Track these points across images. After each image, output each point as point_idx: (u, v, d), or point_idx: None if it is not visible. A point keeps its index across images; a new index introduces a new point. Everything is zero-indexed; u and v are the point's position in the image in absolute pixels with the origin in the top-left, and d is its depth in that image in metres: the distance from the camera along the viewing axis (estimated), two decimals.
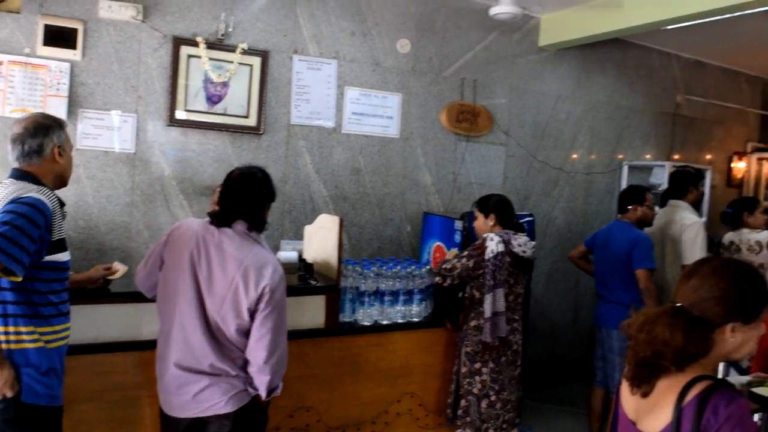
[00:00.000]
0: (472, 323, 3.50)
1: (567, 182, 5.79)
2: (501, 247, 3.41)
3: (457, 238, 4.20)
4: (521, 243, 3.49)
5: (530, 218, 4.61)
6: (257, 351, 2.36)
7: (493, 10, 3.91)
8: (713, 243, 5.17)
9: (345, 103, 4.62)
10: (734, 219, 4.93)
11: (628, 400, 1.65)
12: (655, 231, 4.42)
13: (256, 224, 2.48)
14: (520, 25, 5.31)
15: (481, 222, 3.63)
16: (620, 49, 6.03)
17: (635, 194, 4.26)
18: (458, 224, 4.20)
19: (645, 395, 1.57)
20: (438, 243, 4.53)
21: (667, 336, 1.50)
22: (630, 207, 4.21)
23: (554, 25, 5.34)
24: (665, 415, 1.49)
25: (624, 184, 6.06)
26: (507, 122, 5.36)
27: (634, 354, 1.58)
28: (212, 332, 2.38)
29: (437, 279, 3.51)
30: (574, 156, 5.83)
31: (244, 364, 2.43)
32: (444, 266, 3.50)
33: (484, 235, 3.51)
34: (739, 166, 7.39)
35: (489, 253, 3.40)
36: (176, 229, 2.50)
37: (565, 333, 5.93)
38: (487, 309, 3.39)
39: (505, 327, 3.42)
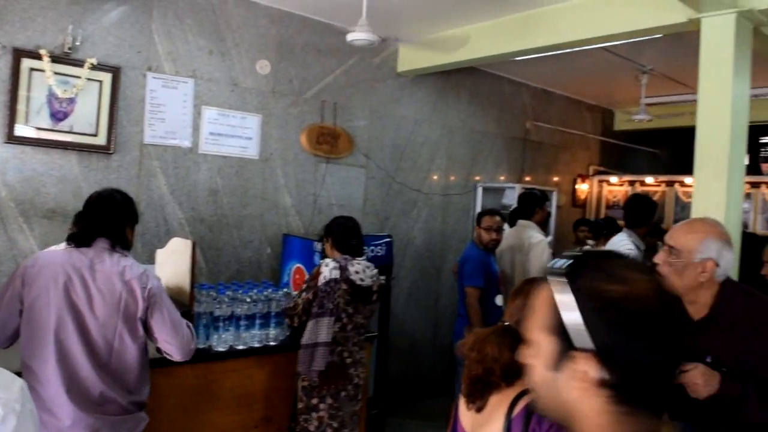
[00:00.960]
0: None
1: (425, 203, 6.06)
2: (335, 274, 3.31)
3: (317, 259, 4.28)
4: (359, 270, 3.38)
5: (388, 239, 4.79)
6: (170, 348, 2.53)
7: (350, 37, 4.04)
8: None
9: (202, 122, 4.58)
10: (601, 229, 5.47)
11: (465, 414, 1.78)
12: (505, 250, 4.75)
13: (119, 242, 2.48)
14: (379, 51, 5.52)
15: (327, 246, 3.63)
16: (473, 77, 6.43)
17: (477, 217, 4.66)
18: (317, 246, 4.28)
19: (479, 410, 1.71)
20: (298, 265, 4.59)
21: (496, 353, 1.64)
22: (475, 228, 4.61)
23: (411, 52, 5.61)
24: (497, 427, 1.60)
25: (479, 205, 6.44)
26: (367, 145, 5.54)
27: (467, 372, 1.71)
28: (100, 359, 2.36)
29: (287, 321, 3.45)
30: (432, 178, 6.12)
31: (136, 387, 2.47)
32: (288, 306, 3.42)
33: (320, 261, 3.48)
34: (582, 188, 8.07)
35: (321, 279, 3.31)
36: (32, 266, 2.39)
37: (425, 349, 6.17)
38: (306, 337, 3.27)
39: (323, 360, 3.24)
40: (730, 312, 2.15)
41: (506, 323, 1.73)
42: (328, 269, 3.33)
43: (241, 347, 3.53)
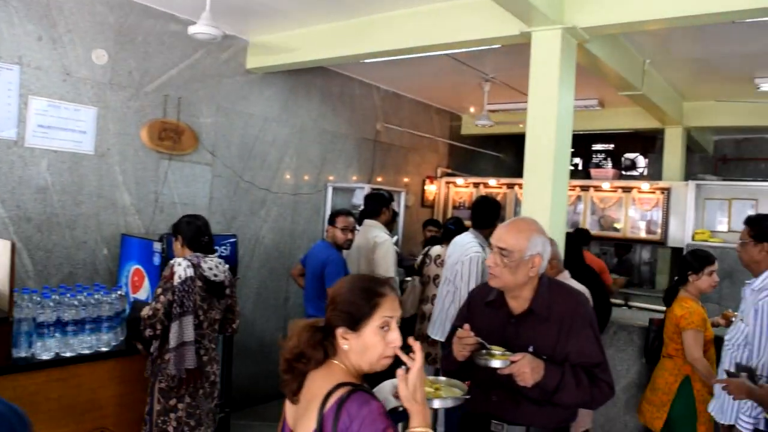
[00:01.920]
0: (166, 356, 3.32)
1: (274, 203, 6.06)
2: (190, 272, 3.35)
3: (156, 260, 4.16)
4: (212, 266, 3.48)
5: (233, 239, 4.75)
6: None
7: (192, 30, 3.97)
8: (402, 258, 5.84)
9: (29, 114, 4.28)
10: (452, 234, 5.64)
11: (289, 408, 1.83)
12: (353, 249, 4.86)
13: None
14: (227, 46, 5.46)
15: (176, 245, 3.62)
16: (325, 77, 6.52)
17: (330, 216, 4.72)
18: (157, 246, 4.17)
19: (295, 402, 1.77)
20: (137, 266, 4.43)
21: (296, 342, 1.74)
22: (327, 228, 4.64)
23: (260, 49, 5.59)
24: (312, 421, 1.66)
25: (329, 205, 6.54)
26: (213, 142, 5.45)
27: (282, 362, 1.78)
28: None
29: (147, 332, 3.31)
30: (282, 177, 6.13)
31: None
32: (146, 315, 3.31)
33: (171, 261, 3.45)
34: (431, 189, 8.43)
35: (177, 279, 3.32)
36: None
37: (275, 350, 6.15)
38: (173, 339, 3.27)
39: (194, 358, 3.31)
40: (547, 304, 2.36)
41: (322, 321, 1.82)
42: (182, 268, 3.34)
43: (68, 354, 3.36)
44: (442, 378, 2.31)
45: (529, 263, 2.32)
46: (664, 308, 5.96)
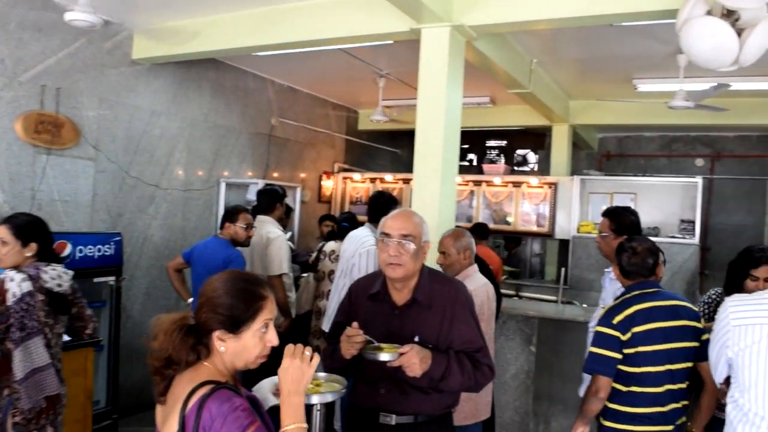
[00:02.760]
0: (15, 389, 2.83)
1: (164, 199, 5.88)
2: (27, 287, 2.84)
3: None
4: (54, 276, 2.96)
5: (117, 238, 4.58)
6: None
7: (69, 16, 3.78)
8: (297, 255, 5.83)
9: None
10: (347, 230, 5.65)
11: (159, 410, 1.77)
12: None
13: None
14: (110, 34, 5.24)
15: (25, 251, 2.96)
16: (217, 69, 6.39)
17: (229, 213, 4.55)
18: None
19: (163, 403, 1.72)
20: None
21: (166, 344, 1.67)
22: (226, 224, 4.50)
23: (146, 39, 5.40)
24: (175, 422, 1.62)
25: (222, 201, 6.43)
26: (96, 135, 5.21)
27: (150, 363, 1.71)
28: None
29: None
30: (172, 172, 5.96)
31: None
32: None
33: (1, 276, 2.88)
34: (327, 184, 8.44)
35: (11, 298, 2.80)
36: None
37: None
38: (19, 369, 2.81)
39: (56, 381, 2.92)
40: (428, 293, 2.42)
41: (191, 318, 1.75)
42: (15, 284, 2.82)
43: None
44: (322, 374, 2.30)
45: (424, 250, 2.40)
46: (553, 298, 6.34)
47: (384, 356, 2.22)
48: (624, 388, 2.73)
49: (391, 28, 4.30)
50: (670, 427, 2.68)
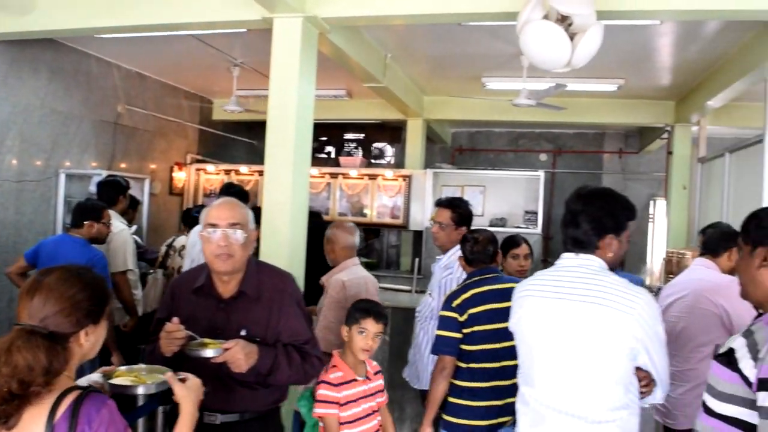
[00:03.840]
0: None
1: None
2: None
3: None
4: None
5: None
6: None
7: None
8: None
9: None
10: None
11: None
12: None
13: None
14: None
15: None
16: (55, 50, 5.97)
17: (92, 210, 4.20)
18: None
19: (12, 428, 1.51)
20: None
21: (30, 361, 1.49)
22: (86, 222, 4.12)
23: None
24: None
25: (62, 194, 6.03)
26: None
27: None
28: None
29: None
30: (2, 162, 5.50)
31: None
32: None
33: None
34: (180, 176, 8.16)
35: None
36: None
37: None
38: None
39: None
40: (256, 284, 2.37)
41: (28, 324, 1.57)
42: None
43: None
44: (141, 365, 2.09)
45: (251, 238, 2.35)
46: (407, 288, 6.53)
47: (207, 352, 2.14)
48: (464, 365, 2.95)
49: (243, 16, 4.21)
50: (513, 399, 2.87)
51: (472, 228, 3.28)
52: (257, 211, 4.51)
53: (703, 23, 4.76)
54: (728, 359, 1.78)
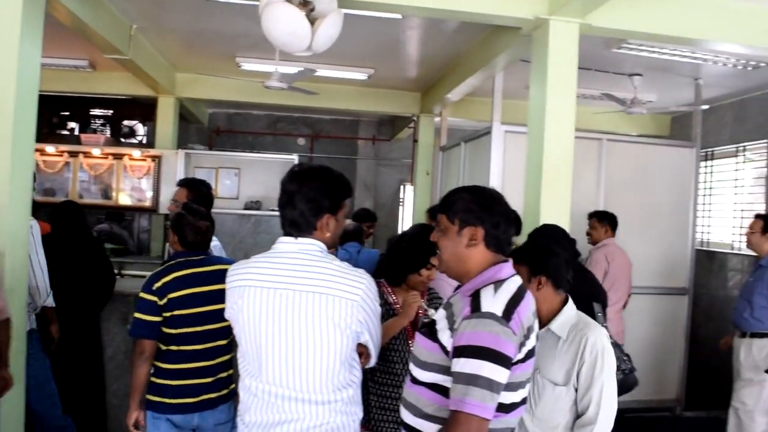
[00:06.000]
0: None
1: None
2: None
3: None
4: None
5: None
6: None
7: None
8: None
9: None
10: None
11: None
12: None
13: None
14: None
15: None
16: None
17: None
18: None
19: None
20: None
21: None
22: None
23: None
24: None
25: None
26: None
27: None
28: None
29: None
30: None
31: None
32: None
33: None
34: None
35: None
36: None
37: None
38: None
39: None
40: None
41: None
42: None
43: None
44: None
45: None
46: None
47: None
48: (165, 347, 2.92)
49: None
50: (210, 380, 2.95)
51: (189, 207, 3.18)
52: None
53: (444, 21, 5.12)
54: (430, 330, 1.95)
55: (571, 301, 2.45)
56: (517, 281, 1.95)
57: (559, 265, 2.41)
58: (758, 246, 4.62)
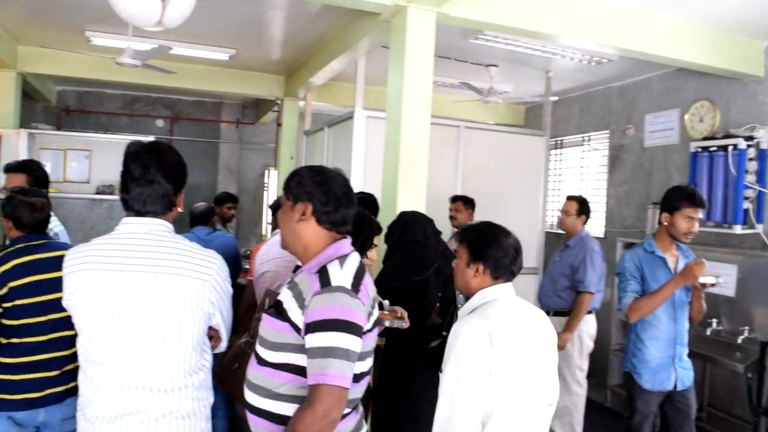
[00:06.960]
0: None
1: None
2: None
3: None
4: None
5: None
6: None
7: None
8: None
9: None
10: None
11: None
12: None
13: None
14: None
15: None
16: None
17: None
18: None
19: None
20: None
21: None
22: None
23: None
24: None
25: None
26: None
27: None
28: None
29: None
30: None
31: None
32: None
33: None
34: None
35: None
36: None
37: None
38: None
39: None
40: None
41: None
42: None
43: None
44: None
45: None
46: None
47: None
48: (5, 340, 2.73)
49: None
50: (56, 372, 2.77)
51: (18, 188, 2.99)
52: None
53: (307, 2, 5.03)
54: (278, 311, 1.95)
55: (501, 289, 2.30)
56: (356, 257, 2.01)
57: (498, 255, 2.26)
58: (572, 227, 4.88)
